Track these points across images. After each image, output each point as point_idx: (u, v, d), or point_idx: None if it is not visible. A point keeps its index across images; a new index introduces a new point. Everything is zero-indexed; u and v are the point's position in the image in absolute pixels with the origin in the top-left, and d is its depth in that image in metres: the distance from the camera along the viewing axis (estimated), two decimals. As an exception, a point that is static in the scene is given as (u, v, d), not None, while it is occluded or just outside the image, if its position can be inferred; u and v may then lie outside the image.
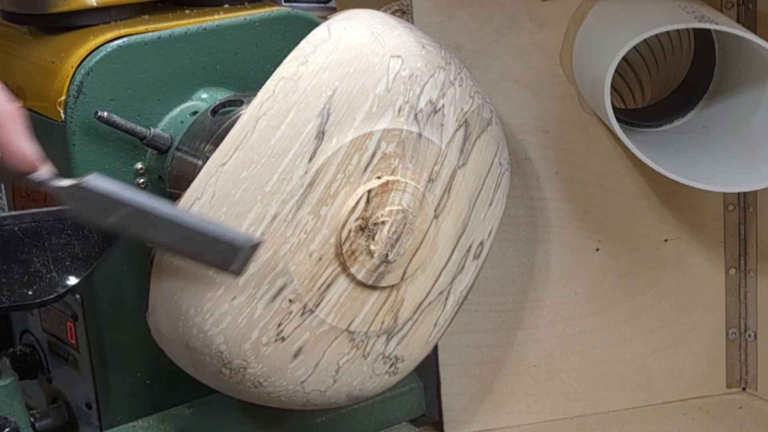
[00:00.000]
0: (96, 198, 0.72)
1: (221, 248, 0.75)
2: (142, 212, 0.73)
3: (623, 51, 0.90)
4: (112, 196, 0.72)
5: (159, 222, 0.74)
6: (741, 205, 1.08)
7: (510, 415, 1.08)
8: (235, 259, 0.76)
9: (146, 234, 0.74)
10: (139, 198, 0.73)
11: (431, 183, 0.84)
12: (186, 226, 0.74)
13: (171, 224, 0.74)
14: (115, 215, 0.73)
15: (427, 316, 0.87)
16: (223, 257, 0.76)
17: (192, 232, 0.75)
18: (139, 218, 0.73)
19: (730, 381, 1.11)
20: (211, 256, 0.76)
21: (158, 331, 0.81)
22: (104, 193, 0.72)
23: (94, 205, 0.72)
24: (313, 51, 0.78)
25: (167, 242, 0.75)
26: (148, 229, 0.74)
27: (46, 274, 0.80)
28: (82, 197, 0.72)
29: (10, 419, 0.83)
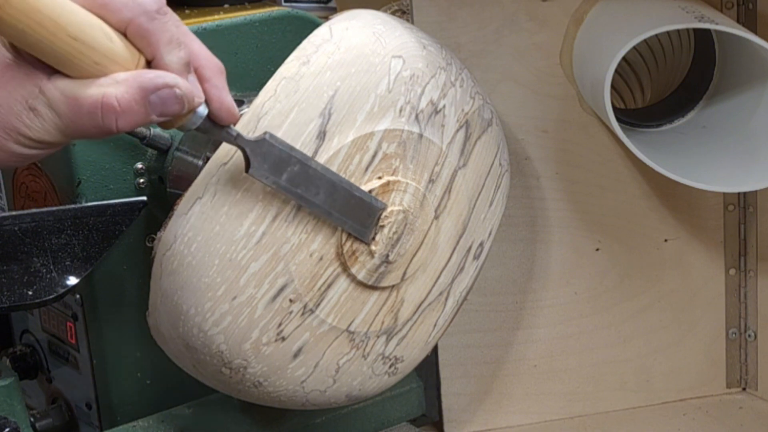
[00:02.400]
0: (275, 153, 0.74)
1: (362, 210, 0.79)
2: (306, 169, 0.76)
3: (623, 51, 0.90)
4: (287, 151, 0.75)
5: (317, 180, 0.76)
6: (741, 205, 1.08)
7: (510, 415, 1.08)
8: (369, 222, 0.79)
9: (306, 193, 0.76)
10: (302, 155, 0.76)
11: (432, 183, 0.84)
12: (338, 185, 0.77)
13: (327, 183, 0.77)
14: (288, 172, 0.75)
15: (427, 316, 0.87)
16: (361, 221, 0.79)
17: (342, 192, 0.78)
18: (303, 176, 0.76)
19: (730, 381, 1.11)
20: (353, 219, 0.79)
21: (158, 331, 0.81)
22: (282, 147, 0.75)
23: (273, 160, 0.74)
24: (314, 51, 0.78)
25: (320, 202, 0.77)
26: (308, 187, 0.76)
27: (46, 274, 0.79)
28: (264, 152, 0.74)
29: (10, 419, 0.83)
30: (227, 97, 0.70)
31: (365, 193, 0.79)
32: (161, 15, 0.65)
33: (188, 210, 0.76)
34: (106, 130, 0.65)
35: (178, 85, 0.66)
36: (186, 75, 0.67)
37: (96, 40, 0.64)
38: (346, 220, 0.79)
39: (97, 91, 0.64)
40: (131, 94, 0.64)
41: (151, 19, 0.64)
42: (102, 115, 0.64)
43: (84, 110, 0.64)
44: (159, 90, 0.65)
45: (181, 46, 0.66)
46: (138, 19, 0.64)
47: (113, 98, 0.64)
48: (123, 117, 0.64)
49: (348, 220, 0.79)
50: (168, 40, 0.65)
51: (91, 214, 0.76)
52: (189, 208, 0.76)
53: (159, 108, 0.65)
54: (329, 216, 0.78)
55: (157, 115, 0.65)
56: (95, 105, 0.64)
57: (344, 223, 0.79)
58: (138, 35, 0.65)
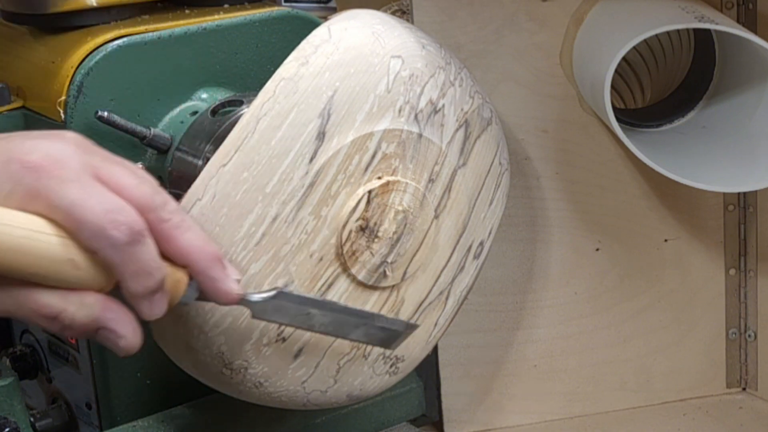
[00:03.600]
0: (282, 306, 0.76)
1: (385, 334, 0.81)
2: (319, 313, 0.77)
3: (623, 51, 0.90)
4: (296, 305, 0.76)
5: (330, 319, 0.78)
6: (741, 205, 1.08)
7: (510, 415, 1.08)
8: (394, 341, 0.82)
9: (317, 329, 0.78)
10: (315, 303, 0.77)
11: (431, 183, 0.84)
12: (353, 321, 0.79)
13: (339, 320, 0.78)
14: (296, 318, 0.76)
15: (428, 316, 0.87)
16: (385, 341, 0.81)
17: (358, 324, 0.79)
18: (314, 317, 0.77)
19: (730, 381, 1.11)
20: (373, 340, 0.81)
21: (158, 331, 0.81)
22: (290, 303, 0.76)
23: (279, 311, 0.76)
24: (313, 51, 0.78)
25: (332, 333, 0.79)
26: (320, 326, 0.78)
27: (46, 274, 0.79)
28: (269, 307, 0.75)
29: (10, 419, 0.83)
30: (223, 286, 0.70)
31: (390, 320, 0.81)
32: (131, 246, 0.64)
33: (188, 211, 0.76)
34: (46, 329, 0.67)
35: (125, 337, 0.66)
36: (150, 299, 0.67)
37: (60, 273, 0.63)
38: (364, 341, 0.81)
39: (58, 304, 0.64)
40: (85, 323, 0.65)
41: (118, 251, 0.64)
42: (52, 324, 0.65)
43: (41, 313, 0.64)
44: (108, 331, 0.66)
45: (151, 275, 0.66)
46: (104, 250, 0.64)
47: (70, 317, 0.64)
48: (68, 332, 0.65)
49: (367, 341, 0.81)
50: (134, 271, 0.65)
51: (91, 215, 0.76)
52: (188, 210, 0.76)
53: (101, 339, 0.67)
54: (345, 339, 0.80)
55: (99, 341, 0.67)
56: (52, 314, 0.64)
57: (363, 343, 0.82)
58: (105, 264, 0.65)
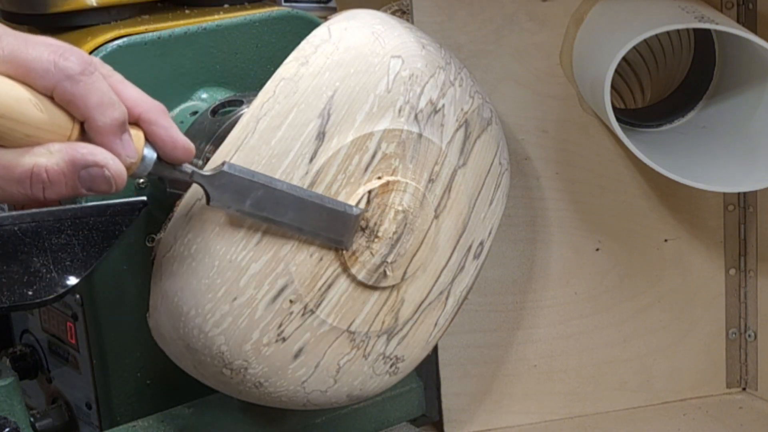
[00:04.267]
0: (236, 182, 0.74)
1: (336, 221, 0.78)
2: (270, 192, 0.75)
3: (623, 51, 0.90)
4: (248, 178, 0.75)
5: (284, 200, 0.76)
6: (741, 205, 1.08)
7: (510, 415, 1.08)
8: (345, 231, 0.79)
9: (273, 215, 0.76)
10: (266, 179, 0.76)
11: (431, 183, 0.84)
12: (307, 201, 0.77)
13: (294, 201, 0.76)
14: (251, 198, 0.75)
15: (428, 316, 0.87)
16: (337, 230, 0.79)
17: (312, 207, 0.77)
18: (268, 199, 0.75)
19: (730, 381, 1.11)
20: (327, 230, 0.78)
21: (159, 332, 0.81)
22: (243, 175, 0.74)
23: (232, 192, 0.74)
24: (313, 51, 0.78)
25: (289, 221, 0.77)
26: (275, 209, 0.76)
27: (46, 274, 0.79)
28: (222, 184, 0.74)
29: (10, 419, 0.83)
30: (178, 134, 0.70)
31: (338, 202, 0.79)
32: (87, 75, 0.63)
33: (188, 211, 0.76)
34: (33, 199, 0.65)
35: (107, 165, 0.65)
36: (120, 135, 0.66)
37: (24, 113, 0.63)
38: (319, 233, 0.78)
39: (29, 160, 0.63)
40: (61, 167, 0.64)
41: (75, 82, 0.63)
42: (31, 185, 0.64)
43: (14, 178, 0.63)
44: (89, 167, 0.64)
45: (114, 106, 0.65)
46: (61, 84, 0.63)
47: (43, 169, 0.63)
48: (51, 188, 0.64)
49: (321, 233, 0.78)
50: (97, 102, 0.64)
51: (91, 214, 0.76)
52: (189, 210, 0.76)
53: (87, 184, 0.65)
54: (300, 232, 0.78)
55: (85, 190, 0.65)
56: (25, 174, 0.63)
57: (317, 236, 0.79)
58: (64, 100, 0.64)
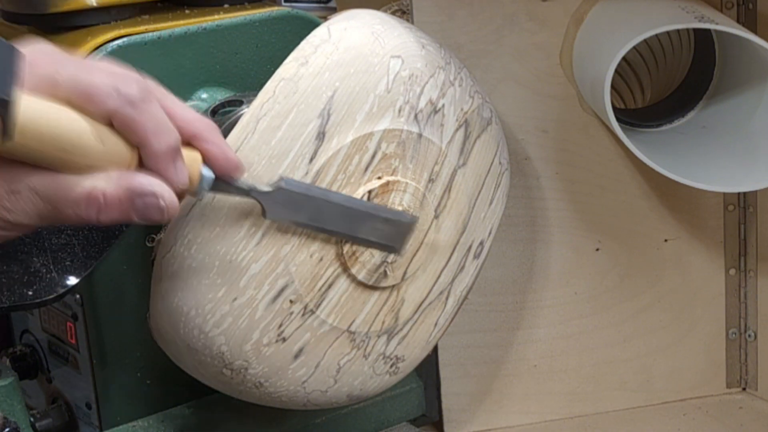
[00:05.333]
0: (291, 198, 0.75)
1: (389, 229, 0.80)
2: (326, 204, 0.77)
3: (623, 51, 0.90)
4: (304, 192, 0.76)
5: (339, 212, 0.77)
6: (741, 205, 1.08)
7: (510, 415, 1.08)
8: (398, 238, 0.80)
9: (328, 225, 0.77)
10: (321, 192, 0.77)
11: (431, 183, 0.84)
12: (361, 212, 0.78)
13: (349, 212, 0.78)
14: (306, 212, 0.76)
15: (428, 315, 0.87)
16: (391, 237, 0.80)
17: (366, 217, 0.78)
18: (323, 211, 0.77)
19: (730, 381, 1.11)
20: (381, 238, 0.80)
21: (159, 333, 0.81)
22: (299, 190, 0.75)
23: (288, 205, 0.75)
24: (313, 52, 0.78)
25: (344, 230, 0.78)
26: (330, 220, 0.77)
27: (46, 274, 0.80)
28: (279, 200, 0.75)
29: (10, 419, 0.83)
30: (230, 152, 0.70)
31: (392, 211, 0.80)
32: (146, 102, 0.64)
33: (188, 212, 0.76)
34: (85, 220, 0.65)
35: (163, 196, 0.65)
36: (174, 161, 0.66)
37: (87, 147, 0.63)
38: (372, 241, 0.80)
39: (88, 183, 0.64)
40: (118, 193, 0.64)
41: (135, 108, 0.64)
42: (85, 207, 0.64)
43: (70, 199, 0.64)
44: (145, 196, 0.65)
45: (169, 132, 0.66)
46: (122, 110, 0.63)
47: (101, 193, 0.64)
48: (105, 212, 0.64)
49: (374, 240, 0.80)
50: (154, 129, 0.65)
51: (92, 215, 0.76)
52: (189, 210, 0.76)
53: (141, 212, 0.65)
54: (354, 240, 0.79)
55: (137, 217, 0.65)
56: (82, 196, 0.64)
57: (370, 244, 0.80)
58: (124, 126, 0.64)
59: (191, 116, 0.69)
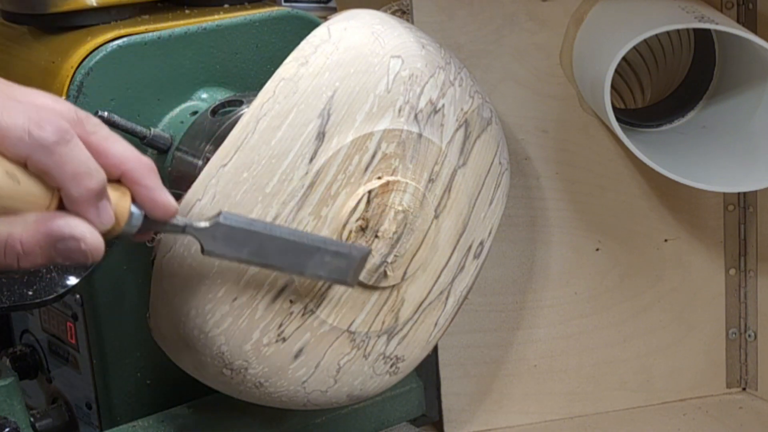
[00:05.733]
0: (231, 234, 0.73)
1: (339, 263, 0.77)
2: (269, 239, 0.74)
3: (623, 51, 0.90)
4: (244, 229, 0.73)
5: (283, 247, 0.75)
6: (741, 205, 1.08)
7: (510, 415, 1.08)
8: (350, 270, 0.78)
9: (271, 261, 0.75)
10: (264, 226, 0.74)
11: (431, 183, 0.84)
12: (308, 246, 0.76)
13: (294, 247, 0.75)
14: (248, 247, 0.73)
15: (428, 315, 0.87)
16: (340, 271, 0.77)
17: (314, 251, 0.76)
18: (267, 247, 0.74)
19: (730, 381, 1.11)
20: (330, 272, 0.77)
21: (159, 333, 0.81)
22: (238, 227, 0.73)
23: (229, 241, 0.73)
24: (313, 52, 0.78)
25: (289, 266, 0.76)
26: (274, 256, 0.74)
27: (46, 274, 0.80)
28: (218, 236, 0.72)
29: (10, 419, 0.83)
30: (159, 195, 0.68)
31: (342, 244, 0.78)
32: (62, 145, 0.61)
33: (188, 212, 0.76)
34: (6, 267, 0.63)
35: (84, 238, 0.63)
36: (96, 204, 0.64)
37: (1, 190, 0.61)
38: (321, 275, 0.77)
39: (4, 229, 0.62)
40: (36, 238, 0.62)
41: (50, 153, 0.61)
42: (5, 254, 0.62)
43: None
44: (65, 240, 0.63)
45: (91, 174, 0.63)
46: (35, 155, 0.61)
47: (17, 240, 0.62)
48: (25, 258, 0.62)
49: (323, 275, 0.77)
50: (72, 172, 0.62)
51: (91, 215, 0.76)
52: (189, 210, 0.76)
53: (64, 255, 0.63)
54: (302, 275, 0.77)
55: (61, 261, 0.63)
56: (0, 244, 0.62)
57: (319, 278, 0.78)
58: (38, 170, 0.62)
59: (124, 154, 0.66)
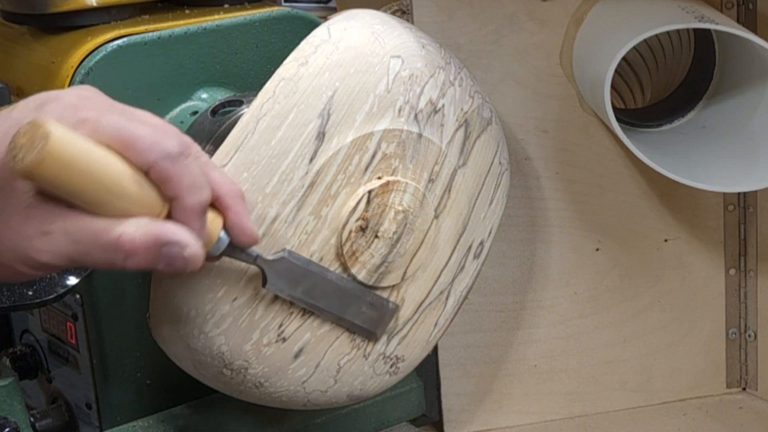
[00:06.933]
0: (293, 269, 0.77)
1: (372, 314, 0.81)
2: (322, 281, 0.78)
3: (623, 51, 0.90)
4: (304, 267, 0.77)
5: (332, 291, 0.79)
6: (741, 205, 1.08)
7: (510, 415, 1.08)
8: (380, 323, 0.82)
9: (321, 303, 0.79)
10: (320, 269, 0.78)
11: (431, 183, 0.84)
12: (351, 293, 0.80)
13: (340, 293, 0.80)
14: (302, 285, 0.78)
15: (428, 315, 0.87)
16: (372, 322, 0.82)
17: (354, 299, 0.80)
18: (318, 288, 0.78)
19: (730, 381, 1.11)
20: (363, 322, 0.81)
21: (159, 333, 0.81)
22: (300, 263, 0.77)
23: (288, 277, 0.77)
24: (313, 52, 0.78)
25: (332, 309, 0.80)
26: (322, 298, 0.79)
27: (46, 274, 0.79)
28: (279, 269, 0.76)
29: (10, 419, 0.83)
30: (248, 223, 0.71)
31: (378, 296, 0.82)
32: (184, 158, 0.65)
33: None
34: (112, 266, 0.65)
35: (188, 246, 0.66)
36: (201, 217, 0.68)
37: (126, 189, 0.64)
38: (356, 322, 0.81)
39: (119, 228, 0.64)
40: (146, 240, 0.65)
41: (174, 163, 0.65)
42: (114, 252, 0.65)
43: (100, 243, 0.64)
44: (171, 245, 0.65)
45: (203, 189, 0.67)
46: (161, 163, 0.65)
47: (129, 239, 0.64)
48: (132, 259, 0.65)
49: (358, 323, 0.81)
50: (189, 184, 0.66)
51: (92, 215, 0.76)
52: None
53: (166, 260, 0.66)
54: (339, 321, 0.81)
55: (162, 266, 0.66)
56: (112, 242, 0.64)
57: (353, 327, 0.81)
58: (161, 178, 0.65)
59: (221, 179, 0.70)
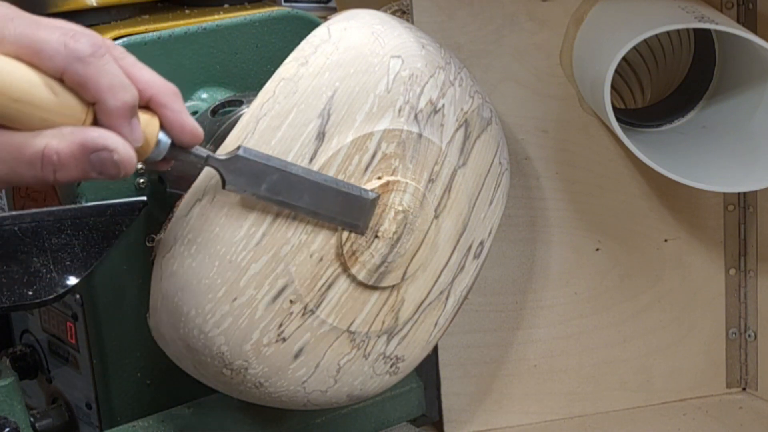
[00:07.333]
0: (251, 166, 0.74)
1: (351, 205, 0.79)
2: (286, 175, 0.76)
3: (623, 51, 0.90)
4: (264, 162, 0.75)
5: (299, 184, 0.76)
6: (741, 205, 1.08)
7: (510, 415, 1.08)
8: (361, 215, 0.79)
9: (288, 198, 0.76)
10: (281, 162, 0.76)
11: (431, 183, 0.84)
12: (322, 185, 0.77)
13: (310, 185, 0.77)
14: (267, 182, 0.75)
15: (428, 315, 0.87)
16: (353, 214, 0.79)
17: (327, 191, 0.77)
18: (284, 183, 0.76)
19: (730, 381, 1.11)
20: (343, 214, 0.79)
21: (159, 332, 0.81)
22: (258, 159, 0.75)
23: (248, 175, 0.74)
24: (313, 52, 0.78)
25: (304, 205, 0.77)
26: (290, 193, 0.76)
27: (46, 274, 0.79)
28: (237, 168, 0.74)
29: (10, 419, 0.83)
30: (187, 118, 0.69)
31: (353, 186, 0.79)
32: (97, 57, 0.63)
33: (188, 212, 0.76)
34: (43, 180, 0.64)
35: (117, 149, 0.64)
36: (129, 119, 0.65)
37: (39, 98, 0.62)
38: (335, 217, 0.79)
39: (40, 142, 0.63)
40: (71, 150, 0.63)
41: (86, 64, 0.63)
42: (42, 166, 0.63)
43: (24, 159, 0.63)
44: (99, 151, 0.64)
45: (125, 88, 0.65)
46: (72, 66, 0.62)
47: (54, 151, 0.63)
48: (61, 171, 0.63)
49: (337, 217, 0.79)
50: (107, 85, 0.64)
51: (91, 214, 0.76)
52: (189, 210, 0.76)
53: (97, 167, 0.64)
54: (316, 216, 0.78)
55: (95, 174, 0.64)
56: (36, 155, 0.63)
57: (333, 220, 0.79)
58: (75, 83, 0.63)
59: (151, 78, 0.68)
